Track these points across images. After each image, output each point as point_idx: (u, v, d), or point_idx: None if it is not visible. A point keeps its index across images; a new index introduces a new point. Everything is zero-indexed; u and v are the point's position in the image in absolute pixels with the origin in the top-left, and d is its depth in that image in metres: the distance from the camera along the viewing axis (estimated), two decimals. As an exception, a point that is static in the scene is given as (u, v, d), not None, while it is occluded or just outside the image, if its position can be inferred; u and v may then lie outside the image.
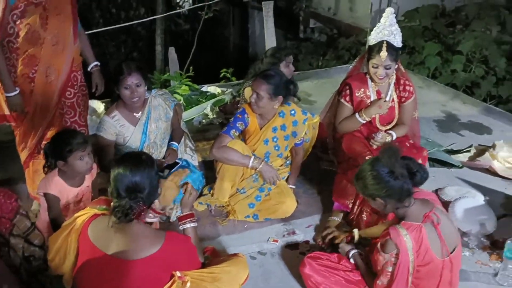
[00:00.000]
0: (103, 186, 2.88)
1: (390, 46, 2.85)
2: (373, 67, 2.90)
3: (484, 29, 6.39)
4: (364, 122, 3.02)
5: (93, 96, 3.19)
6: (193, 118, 4.22)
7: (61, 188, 2.52)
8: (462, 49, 5.88)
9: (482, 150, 3.68)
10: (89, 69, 2.94)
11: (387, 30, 2.86)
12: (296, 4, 9.21)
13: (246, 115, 2.90)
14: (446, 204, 2.99)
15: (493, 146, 3.61)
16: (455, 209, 2.93)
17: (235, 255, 2.26)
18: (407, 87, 3.06)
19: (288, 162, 3.13)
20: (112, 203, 1.85)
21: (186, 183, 2.30)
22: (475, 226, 2.82)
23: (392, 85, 3.06)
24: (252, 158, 2.79)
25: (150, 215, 2.21)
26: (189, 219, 2.17)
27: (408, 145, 2.98)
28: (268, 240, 2.77)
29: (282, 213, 2.88)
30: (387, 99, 3.04)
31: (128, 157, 1.96)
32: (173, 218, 2.93)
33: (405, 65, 6.18)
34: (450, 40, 6.41)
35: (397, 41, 2.88)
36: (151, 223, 2.33)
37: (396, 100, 3.08)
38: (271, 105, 2.81)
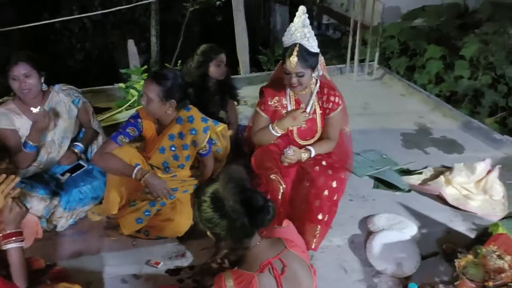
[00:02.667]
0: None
1: (303, 51, 2.46)
2: (285, 73, 2.52)
3: (497, 32, 5.73)
4: (278, 134, 2.65)
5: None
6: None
7: None
8: (465, 54, 5.28)
9: (439, 173, 3.20)
10: None
11: (299, 32, 2.47)
12: (310, -1, 8.78)
13: (139, 120, 2.60)
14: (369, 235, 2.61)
15: (450, 170, 3.13)
16: (373, 243, 2.53)
17: (73, 283, 1.99)
18: (332, 97, 2.66)
19: (198, 173, 2.82)
20: None
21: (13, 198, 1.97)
22: (391, 265, 2.41)
23: (314, 94, 2.67)
24: (136, 169, 2.49)
25: (12, 241, 1.91)
26: (13, 238, 1.89)
27: (325, 164, 2.58)
28: (149, 262, 2.48)
29: (170, 231, 2.57)
30: (308, 109, 2.66)
31: None
32: (60, 228, 2.70)
33: (405, 69, 5.68)
34: (458, 43, 5.79)
35: (312, 45, 2.48)
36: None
37: (318, 111, 2.69)
38: (162, 110, 2.49)
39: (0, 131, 2.69)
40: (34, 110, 2.75)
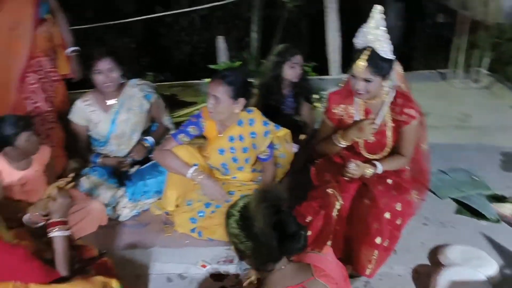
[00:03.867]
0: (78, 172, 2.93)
1: (374, 55, 2.22)
2: (352, 77, 2.31)
3: None
4: (342, 146, 2.44)
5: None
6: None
7: (2, 169, 2.57)
8: None
9: (540, 203, 2.72)
10: (66, 53, 2.95)
11: (371, 34, 2.23)
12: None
13: (201, 119, 2.58)
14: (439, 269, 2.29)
15: (555, 202, 2.64)
16: (439, 279, 2.20)
17: (112, 277, 2.03)
18: (406, 109, 2.37)
19: (260, 178, 2.73)
20: None
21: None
22: (456, 308, 2.09)
23: (386, 105, 2.41)
24: (192, 169, 2.47)
25: (56, 229, 2.03)
26: (58, 227, 1.97)
27: (391, 182, 2.32)
28: (197, 263, 2.46)
29: (221, 235, 2.51)
30: (378, 121, 2.41)
31: None
32: (124, 217, 2.80)
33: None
34: None
35: (385, 50, 2.22)
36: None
37: (390, 124, 2.42)
38: (231, 110, 2.44)
39: (74, 125, 2.86)
40: (110, 102, 2.89)
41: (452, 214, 2.77)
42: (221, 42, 4.83)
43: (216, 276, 2.37)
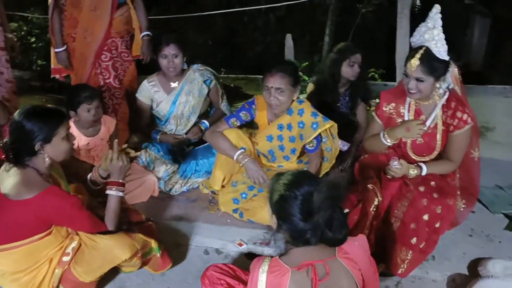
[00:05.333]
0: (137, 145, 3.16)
1: (428, 55, 2.20)
2: (405, 75, 2.30)
3: None
4: (388, 144, 2.44)
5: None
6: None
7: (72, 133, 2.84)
8: None
9: None
10: (140, 37, 3.18)
11: (428, 33, 2.21)
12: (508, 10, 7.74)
13: (253, 106, 2.69)
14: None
15: None
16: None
17: (150, 236, 2.20)
18: (459, 113, 2.32)
19: (305, 169, 2.78)
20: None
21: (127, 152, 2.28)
22: (488, 320, 2.02)
23: (439, 107, 2.37)
24: (239, 151, 2.58)
25: (113, 189, 2.19)
26: (115, 187, 2.16)
27: (434, 185, 2.28)
28: (234, 241, 2.57)
29: (260, 218, 2.60)
30: (428, 123, 2.38)
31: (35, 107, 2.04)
32: (174, 191, 2.97)
33: None
34: None
35: (439, 50, 2.19)
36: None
37: (440, 126, 2.38)
38: (292, 98, 2.57)
39: (138, 101, 3.10)
40: (173, 84, 3.08)
41: (501, 230, 2.65)
42: (289, 40, 4.92)
43: (251, 256, 2.46)
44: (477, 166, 2.49)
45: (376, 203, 2.31)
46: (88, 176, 2.35)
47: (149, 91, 3.09)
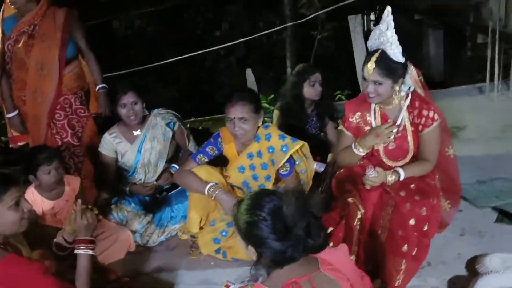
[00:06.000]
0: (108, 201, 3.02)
1: (384, 57, 2.19)
2: (364, 79, 2.28)
3: None
4: (361, 154, 2.38)
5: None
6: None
7: (35, 199, 2.69)
8: None
9: None
10: (96, 90, 3.11)
11: (382, 36, 2.21)
12: (461, 18, 8.05)
13: (219, 139, 2.61)
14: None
15: None
16: (478, 287, 2.04)
17: None
18: (425, 111, 2.29)
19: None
20: None
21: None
22: (497, 317, 1.90)
23: (404, 109, 2.34)
24: (209, 185, 2.47)
25: (81, 247, 2.06)
26: (83, 245, 2.01)
27: (414, 187, 2.21)
28: (221, 284, 2.41)
29: (244, 254, 2.46)
30: (397, 123, 2.34)
31: None
32: (151, 243, 2.82)
33: None
34: None
35: (395, 53, 2.19)
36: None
37: (409, 128, 2.34)
38: (257, 125, 2.51)
39: (102, 155, 3.00)
40: (135, 133, 2.99)
41: (491, 224, 2.58)
42: (250, 75, 4.95)
43: (240, 296, 2.32)
44: (453, 163, 2.45)
45: (359, 216, 2.22)
46: (55, 241, 2.20)
47: (112, 143, 2.99)
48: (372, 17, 8.94)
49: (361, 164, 2.44)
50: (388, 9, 2.23)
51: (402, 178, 2.28)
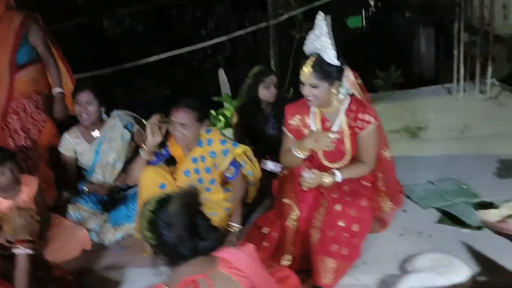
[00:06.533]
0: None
1: (320, 61, 2.26)
2: (301, 83, 2.35)
3: None
4: (301, 157, 2.45)
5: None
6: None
7: (-11, 198, 2.77)
8: None
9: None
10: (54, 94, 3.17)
11: (317, 41, 2.28)
12: (447, 17, 8.06)
13: (166, 142, 2.69)
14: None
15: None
16: (398, 287, 2.11)
17: None
18: (360, 115, 2.36)
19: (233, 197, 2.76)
20: None
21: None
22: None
23: (342, 112, 2.41)
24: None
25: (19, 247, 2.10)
26: (22, 244, 2.09)
27: (347, 189, 2.28)
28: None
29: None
30: (334, 129, 2.41)
31: None
32: (107, 241, 2.90)
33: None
34: None
35: (330, 56, 2.26)
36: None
37: (347, 131, 2.41)
38: (198, 133, 2.57)
39: (62, 155, 3.07)
40: (94, 134, 3.07)
41: (432, 224, 2.64)
42: (222, 75, 5.00)
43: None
44: (391, 165, 2.52)
45: (293, 217, 2.30)
46: None
47: (71, 143, 3.07)
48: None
49: (302, 166, 2.51)
50: (320, 13, 2.30)
51: (339, 179, 2.35)
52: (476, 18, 8.18)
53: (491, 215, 2.57)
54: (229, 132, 3.59)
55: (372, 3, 12.02)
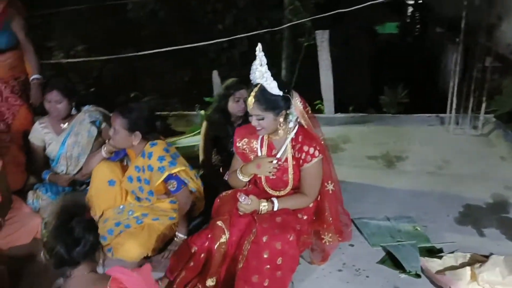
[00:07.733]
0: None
1: (263, 92, 2.23)
2: (250, 114, 2.32)
3: None
4: (244, 180, 2.44)
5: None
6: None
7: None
8: None
9: (473, 261, 2.47)
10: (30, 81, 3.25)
11: (258, 71, 2.25)
12: (471, 38, 7.80)
13: None
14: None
15: (484, 261, 2.38)
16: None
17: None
18: (305, 147, 2.33)
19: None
20: None
21: None
22: None
23: (288, 141, 2.38)
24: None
25: None
26: None
27: (280, 220, 2.26)
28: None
29: (123, 255, 2.56)
30: (278, 156, 2.38)
31: None
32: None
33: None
34: None
35: (271, 87, 2.22)
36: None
37: (291, 161, 2.38)
38: (128, 141, 2.59)
39: (31, 143, 3.16)
40: (63, 126, 3.14)
41: (373, 264, 2.59)
42: (215, 77, 4.99)
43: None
44: (333, 198, 2.48)
45: (223, 240, 2.29)
46: None
47: (40, 133, 3.14)
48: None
49: (245, 188, 2.50)
50: (259, 45, 2.26)
51: (275, 208, 2.34)
52: (503, 43, 7.91)
53: (433, 264, 2.51)
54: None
55: (409, 13, 11.89)
